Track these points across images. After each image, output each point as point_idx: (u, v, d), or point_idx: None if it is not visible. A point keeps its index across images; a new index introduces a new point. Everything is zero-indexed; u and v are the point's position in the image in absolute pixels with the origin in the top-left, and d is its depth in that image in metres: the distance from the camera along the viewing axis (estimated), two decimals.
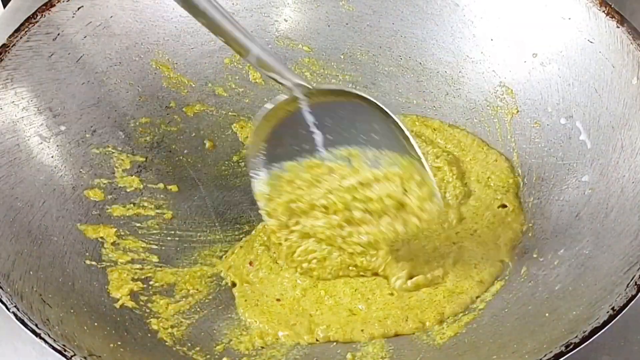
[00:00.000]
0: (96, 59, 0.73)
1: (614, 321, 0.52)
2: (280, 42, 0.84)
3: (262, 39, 0.84)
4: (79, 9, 0.73)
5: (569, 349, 0.51)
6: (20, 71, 0.69)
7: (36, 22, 0.70)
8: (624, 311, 0.52)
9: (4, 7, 1.03)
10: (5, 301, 0.55)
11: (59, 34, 0.72)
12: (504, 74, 0.77)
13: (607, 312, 0.52)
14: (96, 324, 0.60)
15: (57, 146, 0.70)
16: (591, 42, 0.68)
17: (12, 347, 0.67)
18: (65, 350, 0.53)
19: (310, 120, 0.67)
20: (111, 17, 0.76)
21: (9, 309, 0.55)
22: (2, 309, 0.55)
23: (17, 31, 0.69)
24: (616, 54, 0.66)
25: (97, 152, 0.73)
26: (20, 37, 0.69)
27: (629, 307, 0.52)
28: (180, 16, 0.80)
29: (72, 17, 0.73)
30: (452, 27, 0.80)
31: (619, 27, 0.66)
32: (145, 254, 0.70)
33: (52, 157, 0.69)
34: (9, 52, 0.68)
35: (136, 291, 0.66)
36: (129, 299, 0.65)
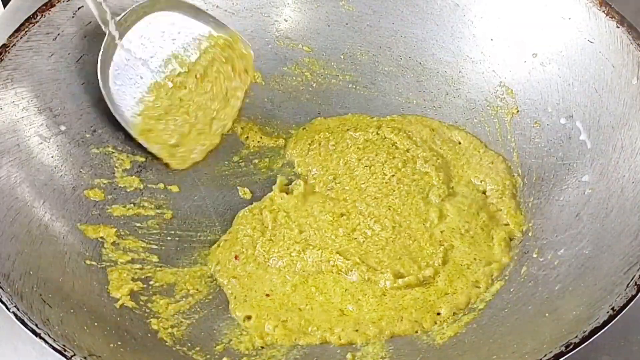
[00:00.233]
0: (96, 59, 0.73)
1: (614, 321, 0.52)
2: (280, 42, 0.84)
3: (262, 39, 0.84)
4: (79, 9, 0.73)
5: (569, 349, 0.51)
6: (20, 71, 0.69)
7: (36, 22, 0.70)
8: (624, 311, 0.52)
9: (4, 7, 1.03)
10: (5, 301, 0.55)
11: (59, 34, 0.72)
12: (504, 74, 0.77)
13: (607, 312, 0.52)
14: (96, 324, 0.60)
15: (57, 146, 0.70)
16: (591, 42, 0.69)
17: (12, 347, 0.67)
18: (65, 350, 0.53)
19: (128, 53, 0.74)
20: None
21: (9, 309, 0.55)
22: (2, 309, 0.55)
23: (17, 31, 0.69)
24: (616, 54, 0.66)
25: (97, 152, 0.73)
26: (20, 37, 0.69)
27: (629, 307, 0.52)
28: None
29: (72, 17, 0.73)
30: (452, 27, 0.80)
31: (619, 27, 0.66)
32: (145, 254, 0.70)
33: (52, 157, 0.69)
34: (9, 52, 0.68)
35: (136, 291, 0.66)
36: (129, 299, 0.65)
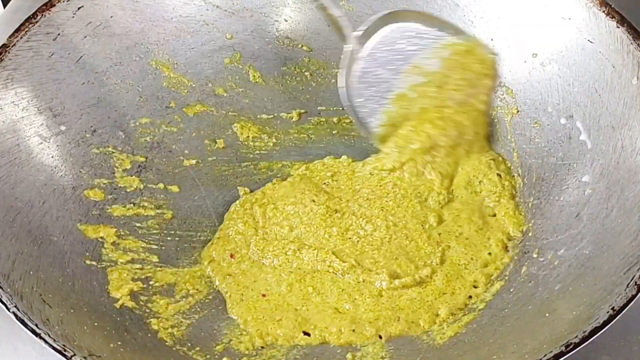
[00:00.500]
0: (96, 59, 0.73)
1: (614, 321, 0.52)
2: (280, 42, 0.84)
3: (262, 39, 0.84)
4: (79, 9, 0.73)
5: (569, 349, 0.51)
6: (20, 71, 0.69)
7: (36, 22, 0.70)
8: (624, 311, 0.52)
9: (4, 7, 1.03)
10: (5, 301, 0.55)
11: (59, 34, 0.72)
12: (504, 74, 0.77)
13: (607, 312, 0.52)
14: (96, 324, 0.60)
15: (57, 146, 0.70)
16: (591, 42, 0.68)
17: (12, 347, 0.67)
18: (65, 350, 0.53)
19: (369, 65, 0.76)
20: (111, 17, 0.76)
21: (9, 309, 0.55)
22: (2, 309, 0.55)
23: (17, 31, 0.69)
24: (616, 54, 0.66)
25: (97, 152, 0.73)
26: (20, 37, 0.69)
27: (629, 307, 0.52)
28: (180, 16, 0.80)
29: (72, 17, 0.73)
30: None
31: (619, 27, 0.66)
32: (145, 254, 0.70)
33: (52, 157, 0.69)
34: (9, 52, 0.68)
35: (136, 291, 0.66)
36: (129, 299, 0.65)
